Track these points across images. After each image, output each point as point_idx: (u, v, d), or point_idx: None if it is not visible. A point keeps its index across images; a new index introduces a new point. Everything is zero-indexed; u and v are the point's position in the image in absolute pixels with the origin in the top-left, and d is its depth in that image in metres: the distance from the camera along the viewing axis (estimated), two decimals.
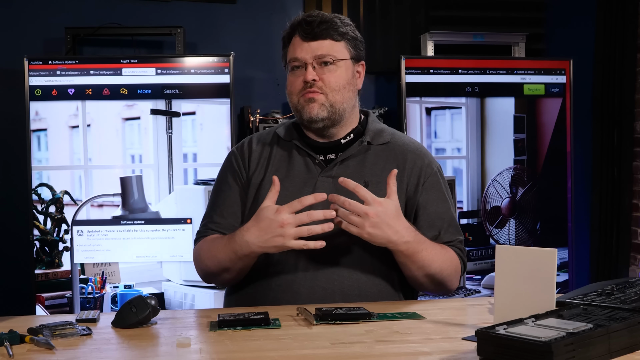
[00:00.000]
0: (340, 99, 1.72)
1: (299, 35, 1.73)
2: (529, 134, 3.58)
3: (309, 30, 1.71)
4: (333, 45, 1.72)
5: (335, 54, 1.72)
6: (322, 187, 1.71)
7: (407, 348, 1.24)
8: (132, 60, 3.25)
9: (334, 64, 1.71)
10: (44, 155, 3.25)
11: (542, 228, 3.59)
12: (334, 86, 1.71)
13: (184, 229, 3.17)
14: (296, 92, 1.73)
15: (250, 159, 1.80)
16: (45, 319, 1.58)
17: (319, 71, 1.71)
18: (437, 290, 1.74)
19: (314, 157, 1.76)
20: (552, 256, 1.24)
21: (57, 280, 3.20)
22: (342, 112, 1.74)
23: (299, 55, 1.71)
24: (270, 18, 3.71)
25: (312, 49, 1.71)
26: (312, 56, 1.70)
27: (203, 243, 1.77)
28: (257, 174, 1.78)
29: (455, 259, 1.72)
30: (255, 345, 1.26)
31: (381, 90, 3.81)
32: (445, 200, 1.78)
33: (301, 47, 1.72)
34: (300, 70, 1.72)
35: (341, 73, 1.73)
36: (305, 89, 1.71)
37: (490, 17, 3.86)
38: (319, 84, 1.70)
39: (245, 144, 1.85)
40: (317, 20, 1.72)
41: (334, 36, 1.72)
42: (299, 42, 1.72)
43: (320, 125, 1.72)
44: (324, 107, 1.71)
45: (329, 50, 1.71)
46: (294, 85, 1.73)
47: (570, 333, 1.05)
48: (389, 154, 1.77)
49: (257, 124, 3.44)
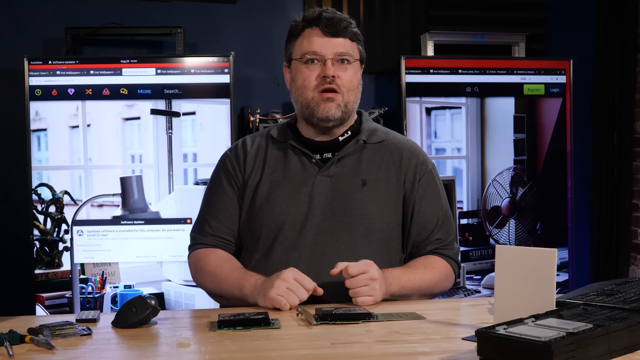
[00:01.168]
0: (353, 99, 1.74)
1: (319, 29, 1.71)
2: (529, 134, 3.58)
3: (330, 25, 1.71)
4: (351, 45, 1.74)
5: (353, 54, 1.74)
6: (319, 186, 1.72)
7: (407, 348, 1.24)
8: (132, 60, 3.25)
9: (351, 64, 1.73)
10: (44, 155, 3.25)
11: (542, 228, 3.59)
12: (349, 85, 1.72)
13: (184, 229, 3.17)
14: (312, 88, 1.71)
15: (246, 161, 1.79)
16: (45, 319, 1.58)
17: (337, 68, 1.71)
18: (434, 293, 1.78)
19: (311, 157, 1.75)
20: (552, 256, 1.24)
21: (57, 280, 3.20)
22: (351, 112, 1.76)
23: (318, 50, 1.71)
24: (270, 18, 3.71)
25: (334, 45, 1.71)
26: (333, 52, 1.70)
27: (206, 257, 1.75)
28: (253, 175, 1.77)
29: (444, 267, 1.76)
30: (255, 345, 1.26)
31: (381, 90, 3.81)
32: (439, 197, 1.79)
33: (322, 41, 1.71)
34: (315, 65, 1.71)
35: (355, 73, 1.75)
36: (323, 84, 1.70)
37: (490, 17, 3.86)
38: (338, 82, 1.70)
39: (239, 146, 1.83)
40: (337, 17, 1.73)
41: (350, 36, 1.74)
42: (319, 36, 1.71)
43: (331, 124, 1.73)
44: (340, 108, 1.72)
45: (349, 49, 1.73)
46: (310, 80, 1.72)
47: (570, 333, 1.05)
48: (384, 152, 1.78)
49: (257, 124, 3.44)
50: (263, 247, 1.72)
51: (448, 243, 1.78)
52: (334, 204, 1.71)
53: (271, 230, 1.71)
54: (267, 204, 1.72)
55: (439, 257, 1.76)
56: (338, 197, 1.71)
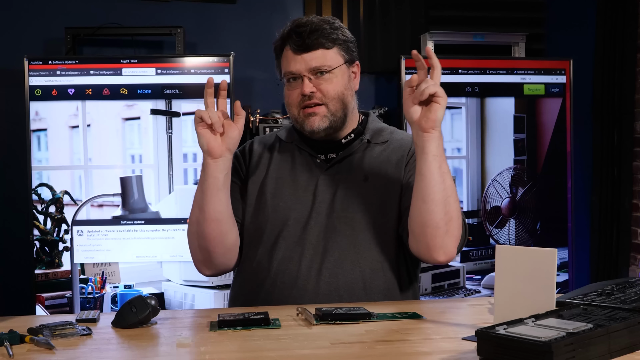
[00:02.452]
0: (340, 106, 1.72)
1: (290, 48, 1.71)
2: (529, 134, 3.58)
3: (299, 42, 1.69)
4: (326, 54, 1.70)
5: (330, 63, 1.70)
6: (323, 184, 1.74)
7: (407, 348, 1.24)
8: (132, 60, 3.25)
9: (330, 73, 1.71)
10: (44, 155, 3.25)
11: (542, 228, 3.59)
12: (333, 95, 1.71)
13: (184, 229, 3.16)
14: (295, 105, 1.73)
15: (251, 161, 1.82)
16: (45, 319, 1.58)
17: (316, 82, 1.70)
18: (443, 234, 1.60)
19: (316, 157, 1.78)
20: (552, 256, 1.24)
21: (57, 280, 3.20)
22: (343, 118, 1.75)
23: (293, 69, 1.70)
24: (270, 18, 3.71)
25: (306, 61, 1.69)
26: (307, 68, 1.69)
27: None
28: (258, 172, 1.80)
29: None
30: (255, 345, 1.26)
31: (381, 90, 3.81)
32: None
33: (294, 60, 1.70)
34: (296, 82, 1.72)
35: (338, 81, 1.72)
36: (303, 102, 1.70)
37: (490, 17, 3.85)
38: (318, 95, 1.70)
39: (246, 147, 1.87)
40: (306, 30, 1.69)
41: (325, 44, 1.70)
42: (291, 55, 1.71)
43: (322, 134, 1.73)
44: (326, 119, 1.71)
45: (323, 60, 1.70)
46: (292, 98, 1.73)
47: (570, 333, 1.05)
48: (389, 151, 1.79)
49: (257, 124, 3.44)
50: (267, 242, 1.73)
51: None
52: (337, 202, 1.72)
53: (276, 225, 1.73)
54: (273, 200, 1.75)
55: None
56: (341, 195, 1.73)
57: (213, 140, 1.61)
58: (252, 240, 1.76)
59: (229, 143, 1.63)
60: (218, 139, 1.62)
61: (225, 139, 1.63)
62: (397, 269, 1.73)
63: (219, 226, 1.67)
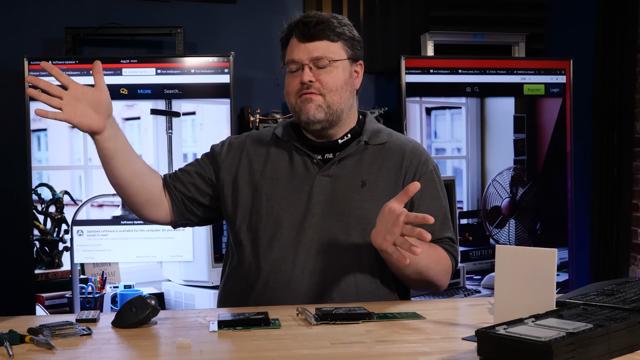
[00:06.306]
0: (338, 99, 1.72)
1: (295, 37, 1.73)
2: (529, 134, 3.58)
3: (305, 31, 1.71)
4: (329, 46, 1.72)
5: (332, 55, 1.72)
6: (319, 186, 1.73)
7: (407, 348, 1.24)
8: (132, 60, 3.25)
9: (331, 65, 1.71)
10: (44, 155, 3.25)
11: (542, 228, 3.60)
12: (331, 87, 1.71)
13: (184, 229, 3.17)
14: (293, 93, 1.73)
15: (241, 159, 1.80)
16: (45, 319, 1.58)
17: (316, 72, 1.71)
18: (426, 288, 1.73)
19: (312, 157, 1.76)
20: (552, 256, 1.24)
21: (57, 280, 3.20)
22: (339, 113, 1.74)
23: (295, 57, 1.72)
24: (270, 18, 3.71)
25: (309, 50, 1.71)
26: (309, 57, 1.71)
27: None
28: (252, 172, 1.78)
29: (445, 257, 1.72)
30: (255, 345, 1.26)
31: (381, 90, 3.81)
32: (439, 198, 1.78)
33: (298, 48, 1.72)
34: (297, 72, 1.73)
35: (338, 74, 1.73)
36: (302, 90, 1.71)
37: (490, 17, 3.86)
38: (316, 85, 1.71)
39: (241, 140, 1.86)
40: (313, 21, 1.72)
41: (330, 37, 1.72)
42: (295, 44, 1.73)
43: (318, 127, 1.73)
44: (321, 109, 1.71)
45: (325, 51, 1.71)
46: (291, 86, 1.74)
47: (570, 333, 1.05)
48: (386, 153, 1.78)
49: (257, 124, 3.44)
50: (262, 244, 1.72)
51: (446, 242, 1.76)
52: (332, 204, 1.71)
53: (270, 227, 1.72)
54: (268, 201, 1.74)
55: (439, 246, 1.74)
56: (337, 197, 1.72)
57: (87, 119, 1.64)
58: (245, 240, 1.76)
59: (102, 109, 1.67)
60: (91, 115, 1.65)
61: (97, 107, 1.67)
62: (391, 274, 1.72)
63: (126, 190, 1.74)
